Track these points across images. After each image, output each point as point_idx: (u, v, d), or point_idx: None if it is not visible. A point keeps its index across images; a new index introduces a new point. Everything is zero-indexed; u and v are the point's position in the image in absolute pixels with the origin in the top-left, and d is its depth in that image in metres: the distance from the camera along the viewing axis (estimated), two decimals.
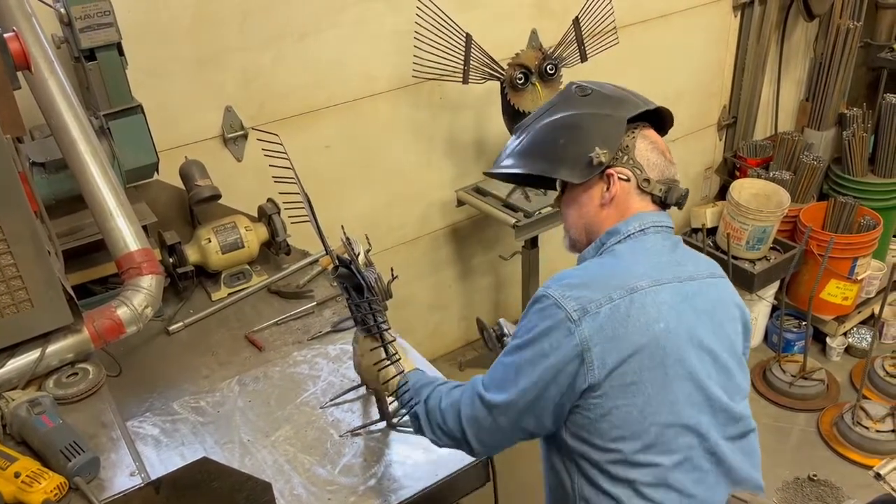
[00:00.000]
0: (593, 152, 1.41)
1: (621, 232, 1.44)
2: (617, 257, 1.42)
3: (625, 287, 1.35)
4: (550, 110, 1.50)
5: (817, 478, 2.95)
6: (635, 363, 1.33)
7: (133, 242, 1.75)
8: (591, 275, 1.39)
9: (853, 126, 3.67)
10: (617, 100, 1.47)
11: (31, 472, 1.29)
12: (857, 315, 3.67)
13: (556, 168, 1.46)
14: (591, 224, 1.49)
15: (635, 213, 1.45)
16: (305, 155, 2.73)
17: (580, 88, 1.49)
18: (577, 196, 1.49)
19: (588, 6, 2.83)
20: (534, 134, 1.50)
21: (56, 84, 1.80)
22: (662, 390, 1.35)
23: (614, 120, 1.44)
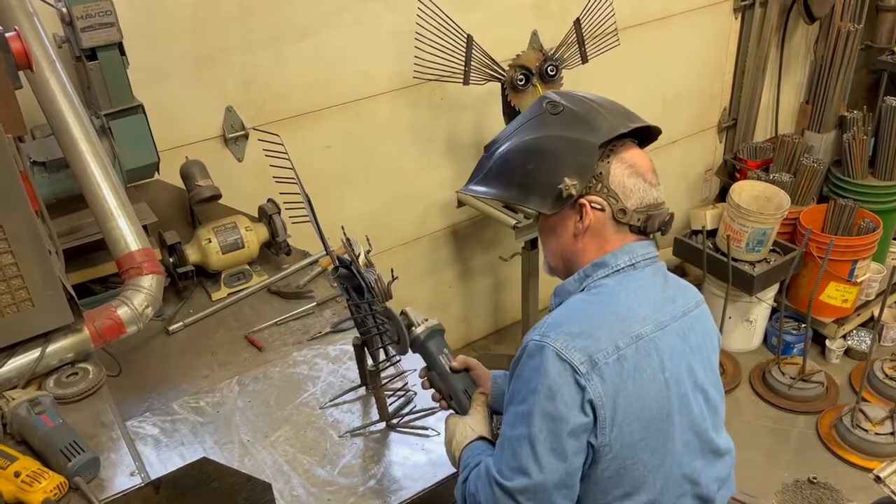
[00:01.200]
0: (562, 183, 1.30)
1: (609, 265, 1.34)
2: (611, 297, 1.32)
3: (629, 334, 1.27)
4: (522, 129, 1.39)
5: (817, 480, 2.95)
6: (644, 418, 1.26)
7: (133, 242, 1.75)
8: (590, 320, 1.28)
9: (853, 129, 3.67)
10: (590, 120, 1.33)
11: (32, 471, 1.29)
12: (856, 317, 3.67)
13: (527, 197, 1.35)
14: (568, 253, 1.39)
15: (623, 246, 1.34)
16: (306, 155, 2.73)
17: (552, 105, 1.37)
18: (553, 224, 1.38)
19: (589, 8, 2.83)
20: (505, 157, 1.39)
21: (57, 83, 1.80)
22: (668, 442, 1.30)
23: (586, 146, 1.31)
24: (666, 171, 4.01)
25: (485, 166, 1.43)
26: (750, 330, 3.68)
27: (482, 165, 1.44)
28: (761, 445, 3.20)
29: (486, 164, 1.43)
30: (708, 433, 1.38)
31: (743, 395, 3.47)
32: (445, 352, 1.58)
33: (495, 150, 1.42)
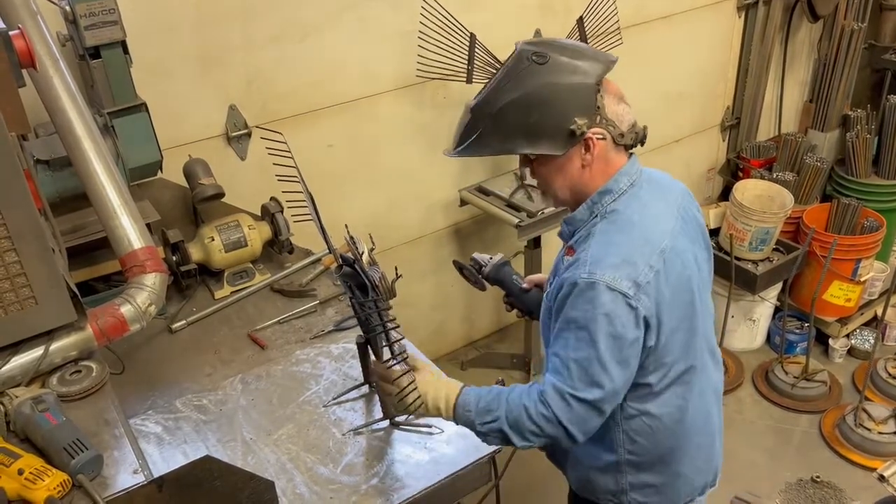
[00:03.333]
0: (573, 124, 1.44)
1: (614, 191, 1.52)
2: (629, 224, 1.50)
3: (656, 251, 1.48)
4: (510, 84, 1.47)
5: (820, 480, 2.94)
6: (678, 313, 1.52)
7: (137, 240, 1.75)
8: (624, 250, 1.46)
9: (857, 127, 3.67)
10: (577, 65, 1.47)
11: (35, 469, 1.30)
12: (859, 317, 3.66)
13: (536, 144, 1.47)
14: (576, 185, 1.53)
15: (619, 170, 1.53)
16: (308, 154, 2.72)
17: (538, 56, 1.46)
18: (560, 163, 1.51)
19: (592, 7, 2.83)
20: (501, 113, 1.47)
21: (61, 82, 1.80)
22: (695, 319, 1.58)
23: (585, 87, 1.46)
24: (669, 170, 3.97)
25: (476, 128, 1.49)
26: (753, 329, 3.67)
27: (472, 127, 1.51)
28: (764, 445, 3.19)
29: (477, 126, 1.49)
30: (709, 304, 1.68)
31: (746, 394, 3.47)
32: (515, 278, 1.88)
33: (484, 109, 1.49)
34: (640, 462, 1.66)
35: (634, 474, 1.68)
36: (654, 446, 1.64)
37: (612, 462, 1.67)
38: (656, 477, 1.69)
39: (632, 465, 1.67)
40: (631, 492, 1.70)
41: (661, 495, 1.72)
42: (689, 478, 1.73)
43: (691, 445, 1.69)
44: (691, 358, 1.60)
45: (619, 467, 1.67)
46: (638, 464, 1.67)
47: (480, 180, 3.17)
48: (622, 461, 1.66)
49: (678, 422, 1.63)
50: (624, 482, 1.69)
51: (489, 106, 1.49)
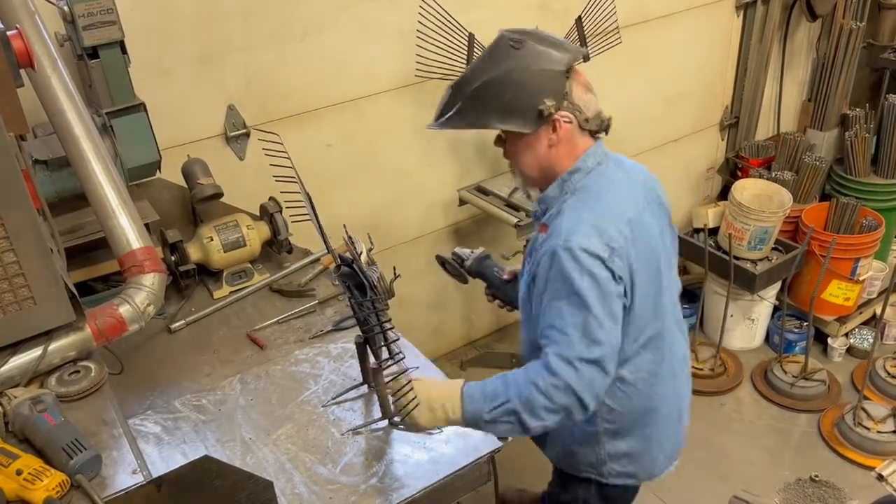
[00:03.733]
0: (542, 105, 1.58)
1: (582, 169, 1.66)
2: (598, 197, 1.65)
3: (624, 220, 1.62)
4: (489, 66, 1.61)
5: (819, 479, 2.95)
6: (648, 277, 1.65)
7: (135, 240, 1.75)
8: (595, 219, 1.59)
9: (855, 127, 3.67)
10: (550, 53, 1.62)
11: (33, 469, 1.29)
12: (858, 316, 3.67)
13: (507, 120, 1.61)
14: (543, 164, 1.67)
15: (586, 150, 1.67)
16: (307, 154, 2.73)
17: (513, 42, 1.61)
18: (530, 141, 1.65)
19: (590, 6, 2.83)
20: (479, 91, 1.61)
21: (59, 82, 1.80)
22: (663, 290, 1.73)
23: (555, 73, 1.60)
24: (668, 169, 4.03)
25: (455, 103, 1.65)
26: (752, 328, 3.67)
27: (452, 102, 1.66)
28: (763, 444, 3.20)
29: (456, 101, 1.65)
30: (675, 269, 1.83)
31: (745, 393, 3.47)
32: (496, 270, 1.97)
33: (465, 87, 1.64)
34: (617, 430, 1.78)
35: (612, 443, 1.80)
36: (629, 411, 1.76)
37: (590, 433, 1.79)
38: (632, 443, 1.81)
39: (609, 434, 1.79)
40: (610, 462, 1.83)
41: (637, 463, 1.85)
42: (661, 444, 1.86)
43: (662, 410, 1.82)
44: (659, 324, 1.73)
45: (598, 437, 1.79)
46: (615, 431, 1.79)
47: (479, 180, 3.17)
48: (600, 431, 1.78)
49: (651, 386, 1.75)
50: (602, 453, 1.82)
51: (468, 83, 1.63)
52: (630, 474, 1.87)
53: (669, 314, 1.78)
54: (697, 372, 3.50)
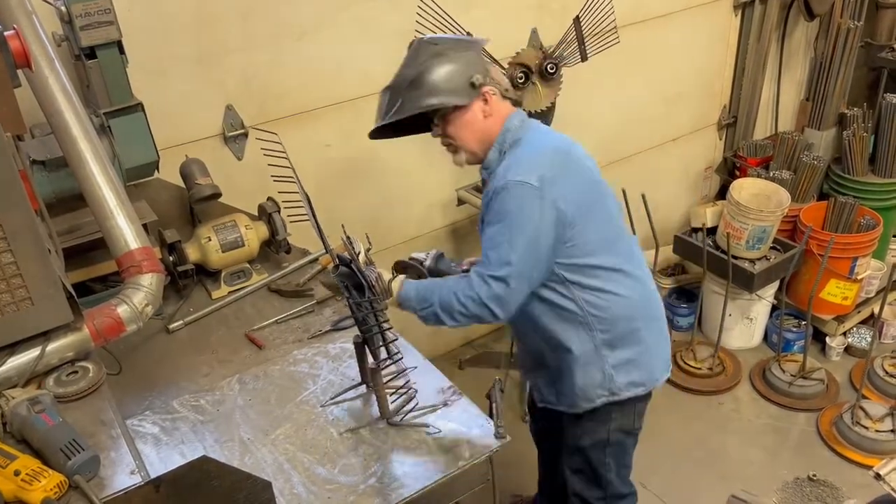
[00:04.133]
0: (473, 77, 1.83)
1: (510, 129, 1.89)
2: (530, 143, 1.87)
3: (552, 150, 1.87)
4: (416, 64, 1.84)
5: (817, 478, 2.95)
6: (583, 192, 1.85)
7: (133, 241, 1.75)
8: (529, 158, 1.83)
9: (853, 126, 3.67)
10: (465, 41, 1.96)
11: (31, 470, 1.29)
12: (856, 315, 3.67)
13: (446, 97, 1.83)
14: (482, 134, 1.89)
15: (510, 114, 1.91)
16: (306, 154, 2.72)
17: (430, 41, 1.89)
18: (467, 118, 1.87)
19: (588, 5, 2.82)
20: (416, 83, 1.83)
21: (56, 82, 1.80)
22: (611, 220, 1.94)
23: (476, 54, 1.90)
24: (666, 169, 4.03)
25: (396, 100, 1.85)
26: (750, 327, 3.68)
27: (394, 100, 1.85)
28: (762, 443, 3.20)
29: (396, 98, 1.85)
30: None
31: (743, 392, 3.47)
32: (452, 265, 2.11)
33: (401, 84, 1.85)
34: (613, 339, 1.95)
35: (612, 353, 1.96)
36: (619, 318, 1.94)
37: (591, 351, 1.94)
38: (630, 350, 1.97)
39: (607, 345, 1.95)
40: (616, 376, 1.97)
41: (640, 369, 2.00)
42: (654, 349, 2.03)
43: (649, 317, 2.01)
44: (619, 233, 1.96)
45: (599, 352, 1.95)
46: (611, 342, 1.95)
47: (477, 180, 3.17)
48: (598, 344, 1.94)
49: (631, 294, 1.95)
50: (608, 368, 1.96)
51: (404, 80, 1.85)
52: (637, 383, 2.00)
53: (625, 233, 2.01)
54: (696, 371, 3.50)
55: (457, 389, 1.89)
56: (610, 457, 2.10)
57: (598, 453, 2.09)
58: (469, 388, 1.95)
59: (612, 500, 2.18)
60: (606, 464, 2.11)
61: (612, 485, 2.14)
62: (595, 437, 2.07)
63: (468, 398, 1.86)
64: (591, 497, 2.17)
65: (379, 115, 1.90)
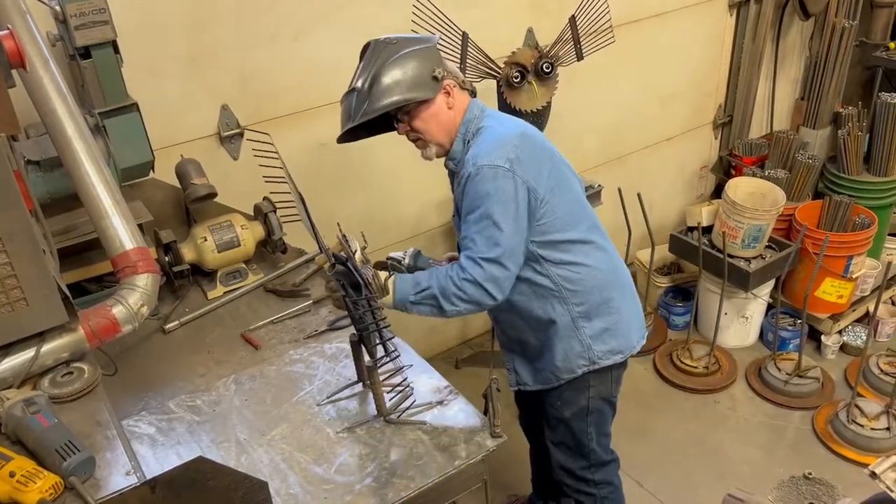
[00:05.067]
0: (434, 71, 1.89)
1: (473, 119, 1.96)
2: (492, 130, 1.93)
3: (516, 135, 1.90)
4: (375, 64, 1.88)
5: (812, 476, 2.96)
6: (549, 172, 1.91)
7: (129, 241, 1.74)
8: (494, 144, 1.88)
9: (848, 125, 3.68)
10: (420, 38, 1.96)
11: (27, 471, 1.29)
12: (851, 313, 3.68)
13: (412, 92, 1.88)
14: (448, 126, 1.95)
15: (469, 104, 1.98)
16: (301, 153, 2.72)
17: (386, 41, 1.91)
18: (434, 111, 1.93)
19: (584, 5, 2.83)
20: (380, 83, 1.86)
21: (51, 82, 1.79)
22: (568, 181, 1.99)
23: (431, 50, 1.93)
24: (662, 168, 4.04)
25: (362, 101, 1.88)
26: (746, 326, 3.68)
27: (361, 101, 1.88)
28: (757, 441, 3.21)
29: (362, 99, 1.88)
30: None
31: (739, 391, 3.48)
32: (430, 262, 2.17)
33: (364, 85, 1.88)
34: (588, 311, 2.01)
35: (589, 324, 2.03)
36: (592, 290, 2.00)
37: (568, 324, 2.02)
38: (606, 319, 2.04)
39: (583, 317, 2.02)
40: (594, 345, 2.04)
41: (616, 337, 2.06)
42: (629, 316, 2.09)
43: (620, 285, 2.08)
44: (584, 209, 2.03)
45: (576, 324, 2.02)
46: (587, 313, 2.02)
47: None
48: (575, 316, 2.01)
49: (599, 261, 2.02)
50: (584, 338, 2.03)
51: (366, 82, 1.87)
52: (615, 350, 2.07)
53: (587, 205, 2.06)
54: (692, 370, 3.51)
55: (453, 389, 1.89)
56: (591, 425, 2.17)
57: (580, 422, 2.16)
58: (465, 387, 1.95)
59: (597, 468, 2.24)
60: (588, 433, 2.17)
61: (595, 452, 2.21)
62: (575, 407, 2.14)
63: (464, 398, 1.86)
64: (575, 467, 2.23)
65: (346, 118, 1.94)
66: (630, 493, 2.48)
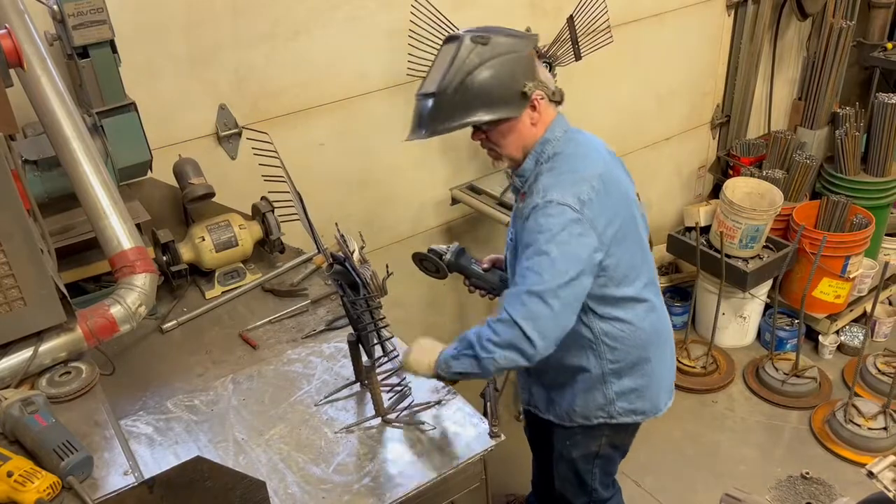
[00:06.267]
0: (524, 87, 1.70)
1: (551, 140, 1.79)
2: (571, 160, 1.78)
3: (595, 176, 1.75)
4: (462, 66, 1.68)
5: (810, 476, 2.96)
6: (621, 220, 1.78)
7: (126, 241, 1.74)
8: (569, 178, 1.74)
9: (846, 125, 3.69)
10: (512, 42, 1.73)
11: (24, 471, 1.29)
12: (849, 313, 3.68)
13: (494, 110, 1.70)
14: (526, 142, 1.79)
15: (552, 121, 1.81)
16: (299, 153, 2.72)
17: (478, 38, 1.71)
18: (514, 124, 1.75)
19: (582, 5, 2.83)
20: (461, 90, 1.68)
21: (49, 81, 1.79)
22: (641, 241, 1.88)
23: (524, 57, 1.73)
24: (659, 168, 4.04)
25: (438, 108, 1.71)
26: (743, 326, 3.69)
27: (436, 111, 1.71)
28: (755, 441, 3.21)
29: (438, 107, 1.70)
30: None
31: (736, 390, 3.48)
32: (473, 261, 2.07)
33: (445, 91, 1.69)
34: (621, 368, 1.91)
35: (618, 382, 1.93)
36: (631, 349, 1.89)
37: (598, 376, 1.91)
38: (637, 380, 1.94)
39: (615, 374, 1.92)
40: (618, 401, 1.95)
41: (643, 399, 1.97)
42: (661, 379, 2.00)
43: (661, 345, 1.97)
44: (648, 265, 1.91)
45: (605, 378, 1.92)
46: (619, 371, 1.91)
47: (471, 179, 3.17)
48: (606, 371, 1.91)
49: (646, 324, 1.90)
50: (610, 393, 1.94)
51: (450, 86, 1.69)
52: (638, 411, 1.98)
53: (649, 256, 1.94)
54: (689, 370, 3.51)
55: (451, 389, 1.89)
56: (597, 467, 2.10)
57: (586, 464, 2.09)
58: (463, 387, 1.95)
59: None
60: (592, 473, 2.11)
61: (597, 491, 2.15)
62: (584, 450, 2.07)
63: (462, 397, 1.86)
64: (575, 502, 2.19)
65: (416, 125, 1.76)
66: (628, 493, 2.48)
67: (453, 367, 1.73)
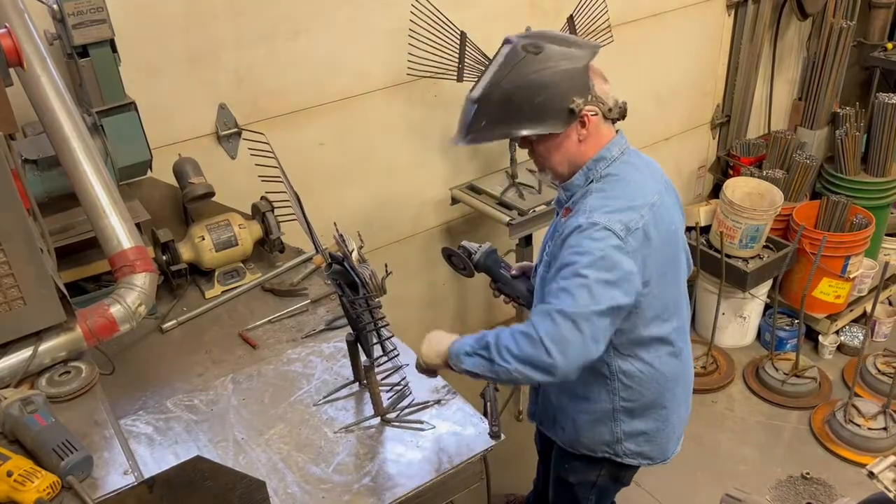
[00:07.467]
0: (572, 103, 1.62)
1: (607, 158, 1.70)
2: (624, 183, 1.69)
3: (646, 205, 1.66)
4: (511, 74, 1.62)
5: (810, 476, 2.96)
6: (665, 256, 1.70)
7: (126, 240, 1.74)
8: (619, 201, 1.65)
9: (846, 125, 3.69)
10: (567, 52, 1.64)
11: (24, 470, 1.29)
12: (849, 313, 3.68)
13: (540, 124, 1.63)
14: (574, 158, 1.71)
15: (611, 140, 1.71)
16: (299, 153, 2.72)
17: (533, 47, 1.63)
18: (559, 140, 1.68)
19: (582, 5, 2.83)
20: (506, 99, 1.62)
21: (48, 81, 1.79)
22: (681, 275, 1.80)
23: (579, 70, 1.64)
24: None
25: (483, 116, 1.65)
26: (743, 326, 3.69)
27: (480, 115, 1.65)
28: (755, 441, 3.21)
29: (483, 114, 1.65)
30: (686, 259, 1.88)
31: (736, 391, 3.48)
32: (503, 265, 1.99)
33: (491, 98, 1.64)
34: (634, 408, 1.83)
35: (629, 422, 1.85)
36: (647, 391, 1.82)
37: (607, 410, 1.84)
38: (649, 423, 1.87)
39: (626, 413, 1.84)
40: (625, 441, 1.87)
41: (652, 444, 1.90)
42: (674, 426, 1.92)
43: (679, 392, 1.90)
44: (679, 318, 1.82)
45: (615, 415, 1.84)
46: (631, 410, 1.84)
47: (472, 179, 3.17)
48: (617, 408, 1.83)
49: (669, 371, 1.82)
50: (619, 431, 1.86)
51: (494, 94, 1.63)
52: (645, 454, 1.91)
53: (685, 299, 1.86)
54: None
55: (451, 388, 1.89)
56: (594, 495, 2.04)
57: (584, 491, 2.04)
58: (463, 387, 1.95)
59: None
60: (588, 499, 2.05)
61: None
62: (582, 477, 2.01)
63: (462, 397, 1.86)
64: None
65: (460, 128, 1.70)
66: (628, 493, 2.48)
67: (464, 363, 1.68)
